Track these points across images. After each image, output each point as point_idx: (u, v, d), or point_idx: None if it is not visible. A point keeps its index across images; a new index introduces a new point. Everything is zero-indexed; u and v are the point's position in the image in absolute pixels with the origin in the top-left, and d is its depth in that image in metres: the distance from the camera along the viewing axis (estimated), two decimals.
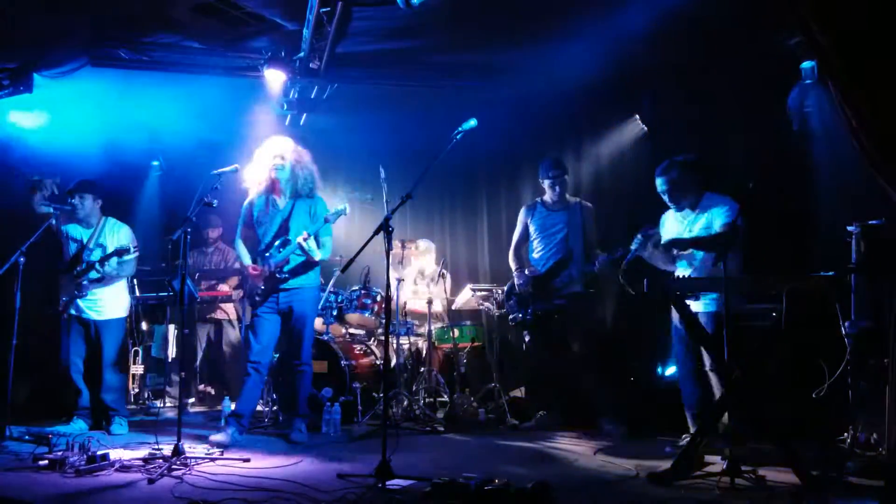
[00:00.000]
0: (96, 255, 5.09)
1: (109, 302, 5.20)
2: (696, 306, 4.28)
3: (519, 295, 5.44)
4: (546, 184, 5.40)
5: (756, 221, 5.33)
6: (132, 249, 5.09)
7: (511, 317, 5.52)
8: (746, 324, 4.36)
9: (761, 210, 5.29)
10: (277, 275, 4.69)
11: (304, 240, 4.58)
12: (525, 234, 5.53)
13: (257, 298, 4.75)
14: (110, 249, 5.09)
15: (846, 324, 4.32)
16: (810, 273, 3.88)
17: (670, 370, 5.72)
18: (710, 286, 4.20)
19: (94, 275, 5.06)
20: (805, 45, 3.05)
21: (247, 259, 4.85)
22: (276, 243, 4.73)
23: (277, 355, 5.31)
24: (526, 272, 5.37)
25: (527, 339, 5.52)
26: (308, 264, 4.77)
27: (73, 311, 5.15)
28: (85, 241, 5.17)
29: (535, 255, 5.42)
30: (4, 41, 5.40)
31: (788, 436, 3.67)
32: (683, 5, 4.63)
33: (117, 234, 5.21)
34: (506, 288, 5.65)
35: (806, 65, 5.23)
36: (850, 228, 4.36)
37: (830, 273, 3.83)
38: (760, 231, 5.28)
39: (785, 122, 5.37)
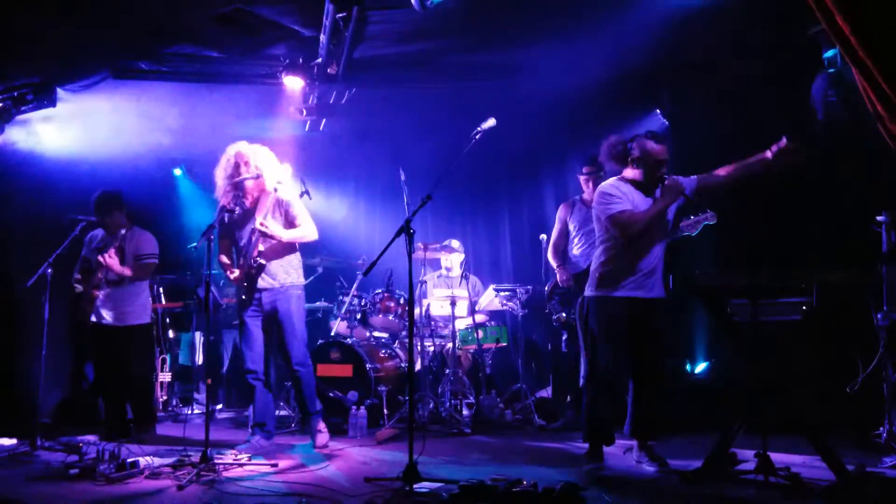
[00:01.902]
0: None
1: (133, 309, 5.24)
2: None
3: (562, 293, 5.38)
4: (581, 180, 5.37)
5: (784, 213, 5.26)
6: (150, 256, 5.21)
7: (555, 317, 5.46)
8: (777, 318, 4.29)
9: (789, 201, 5.22)
10: (253, 264, 4.57)
11: (262, 224, 4.49)
12: (564, 231, 5.46)
13: (243, 297, 4.71)
14: (130, 254, 5.18)
15: (878, 315, 4.24)
16: (841, 264, 3.81)
17: (700, 367, 5.65)
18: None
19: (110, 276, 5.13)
20: (827, 33, 2.97)
21: (227, 269, 4.78)
22: (247, 237, 4.66)
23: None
24: (567, 269, 5.32)
25: (564, 337, 5.45)
26: (284, 250, 4.69)
27: (93, 319, 5.20)
28: (107, 248, 5.23)
29: (576, 252, 5.35)
30: (27, 57, 5.48)
31: (822, 431, 3.59)
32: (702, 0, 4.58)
33: (138, 241, 5.27)
34: (547, 287, 5.59)
35: (828, 53, 5.14)
36: (879, 218, 4.28)
37: (861, 264, 3.77)
38: (789, 223, 5.21)
39: (809, 111, 5.28)
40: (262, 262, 4.58)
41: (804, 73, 5.18)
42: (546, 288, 5.61)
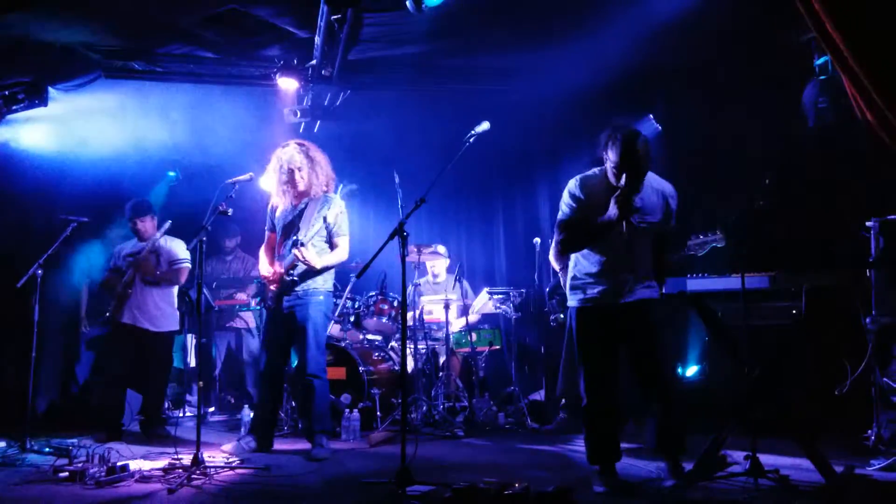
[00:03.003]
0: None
1: (163, 314, 5.35)
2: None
3: (563, 294, 5.40)
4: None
5: (774, 218, 5.29)
6: (184, 260, 5.37)
7: (552, 317, 5.47)
8: (767, 322, 4.32)
9: (779, 206, 5.25)
10: (286, 277, 4.58)
11: (299, 249, 4.40)
12: None
13: (269, 304, 4.71)
14: (164, 258, 5.33)
15: (867, 319, 4.27)
16: (830, 269, 3.84)
17: (691, 370, 5.67)
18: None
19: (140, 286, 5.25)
20: (818, 40, 3.00)
21: (264, 266, 4.81)
22: (288, 244, 4.62)
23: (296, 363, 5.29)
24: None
25: (565, 339, 5.46)
26: (318, 270, 4.66)
27: (126, 321, 5.24)
28: (140, 252, 5.33)
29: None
30: (18, 55, 5.46)
31: (811, 433, 3.62)
32: (695, 4, 4.61)
33: (171, 246, 5.39)
34: (548, 288, 5.60)
35: (819, 61, 5.18)
36: (868, 224, 4.32)
37: (850, 269, 3.80)
38: (778, 228, 5.24)
39: (800, 118, 5.32)
40: (297, 279, 4.58)
41: (796, 78, 5.23)
42: (547, 289, 5.63)
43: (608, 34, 5.09)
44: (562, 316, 5.35)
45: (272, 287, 4.65)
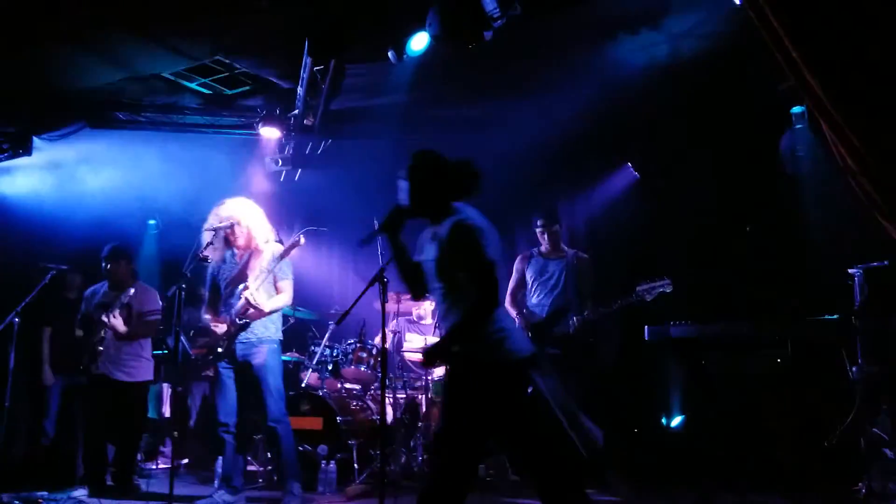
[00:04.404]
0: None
1: (137, 364, 5.24)
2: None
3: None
4: (537, 232, 5.44)
5: (758, 266, 5.32)
6: (154, 312, 5.27)
7: None
8: (751, 370, 4.29)
9: (763, 254, 5.29)
10: (238, 322, 4.55)
11: (246, 290, 4.42)
12: (520, 282, 5.51)
13: (219, 351, 4.65)
14: (136, 311, 5.17)
15: (853, 369, 4.24)
16: (814, 318, 3.82)
17: (675, 420, 5.61)
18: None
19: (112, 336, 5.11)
20: (794, 89, 3.05)
21: (211, 322, 4.72)
22: (236, 295, 4.61)
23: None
24: (524, 317, 5.33)
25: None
26: (266, 314, 4.63)
27: (100, 372, 5.11)
28: (111, 303, 5.18)
29: (533, 301, 5.39)
30: (3, 107, 5.49)
31: (799, 487, 3.55)
32: (672, 54, 4.72)
33: (143, 297, 5.26)
34: None
35: (796, 109, 5.30)
36: (851, 271, 4.33)
37: (834, 317, 3.78)
38: (763, 276, 5.27)
39: (777, 166, 5.41)
40: (248, 321, 4.55)
41: (772, 126, 5.33)
42: None
43: (586, 84, 5.20)
44: None
45: (222, 337, 4.61)
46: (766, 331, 4.20)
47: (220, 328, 4.61)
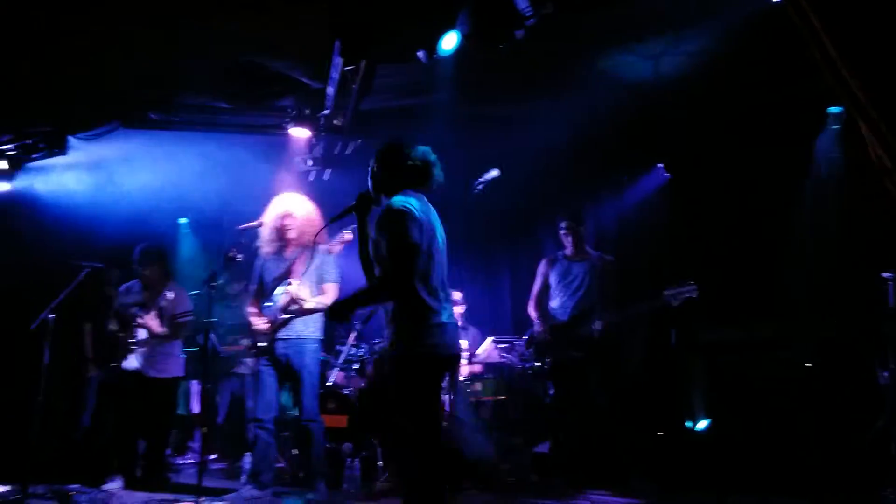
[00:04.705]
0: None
1: (169, 361, 5.35)
2: None
3: (538, 343, 5.37)
4: (561, 234, 5.41)
5: (785, 267, 5.25)
6: (186, 314, 5.35)
7: (527, 365, 5.45)
8: (777, 374, 4.24)
9: (790, 256, 5.22)
10: (279, 318, 4.62)
11: (290, 285, 4.53)
12: (544, 286, 5.50)
13: (260, 346, 4.71)
14: (169, 313, 5.27)
15: (884, 374, 4.17)
16: (842, 321, 3.78)
17: (701, 423, 5.54)
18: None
19: (145, 334, 5.24)
20: (832, 88, 3.00)
21: (254, 318, 4.80)
22: (279, 290, 4.69)
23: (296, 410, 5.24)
24: (546, 321, 5.32)
25: (551, 391, 5.40)
26: (308, 310, 4.71)
27: (132, 368, 5.24)
28: (145, 302, 5.33)
29: (555, 305, 5.38)
30: (40, 106, 5.62)
31: (825, 491, 3.50)
32: (707, 52, 4.66)
33: (176, 300, 5.34)
34: (526, 336, 5.59)
35: (833, 109, 5.21)
36: (884, 275, 4.26)
37: (865, 321, 3.72)
38: (790, 277, 5.19)
39: (814, 168, 5.33)
40: (289, 317, 4.63)
41: (808, 126, 5.25)
42: (524, 336, 5.62)
43: (618, 82, 5.17)
44: (538, 364, 5.31)
45: (264, 333, 4.68)
46: (795, 334, 4.15)
47: (262, 324, 4.67)
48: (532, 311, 5.53)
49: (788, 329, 3.91)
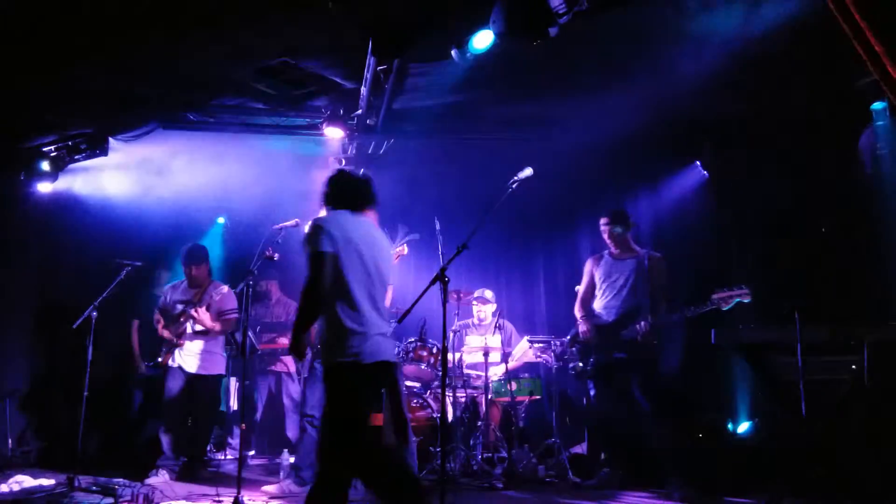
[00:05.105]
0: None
1: (211, 359, 5.50)
2: None
3: (581, 343, 5.30)
4: (601, 232, 5.33)
5: (833, 267, 5.11)
6: (233, 311, 5.50)
7: (571, 365, 5.38)
8: (824, 377, 4.12)
9: (838, 255, 5.07)
10: None
11: None
12: (591, 285, 5.39)
13: (317, 347, 4.77)
14: (216, 309, 5.44)
15: None
16: (891, 322, 3.66)
17: (742, 426, 5.44)
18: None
19: (191, 330, 5.41)
20: (877, 84, 2.91)
21: None
22: None
23: None
24: (591, 321, 5.25)
25: (591, 391, 5.33)
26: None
27: (176, 365, 5.42)
28: (191, 299, 5.48)
29: (601, 304, 5.28)
30: (81, 108, 5.75)
31: (870, 497, 3.39)
32: (745, 48, 4.55)
33: (223, 297, 5.50)
34: (569, 335, 5.52)
35: (877, 105, 5.05)
36: None
37: None
38: (838, 277, 5.05)
39: (857, 164, 5.17)
40: None
41: (850, 125, 5.09)
42: (567, 336, 5.54)
43: (654, 80, 5.08)
44: (581, 365, 5.24)
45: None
46: (840, 335, 4.02)
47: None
48: (577, 311, 5.45)
49: (835, 330, 3.79)
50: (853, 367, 3.79)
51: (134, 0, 4.28)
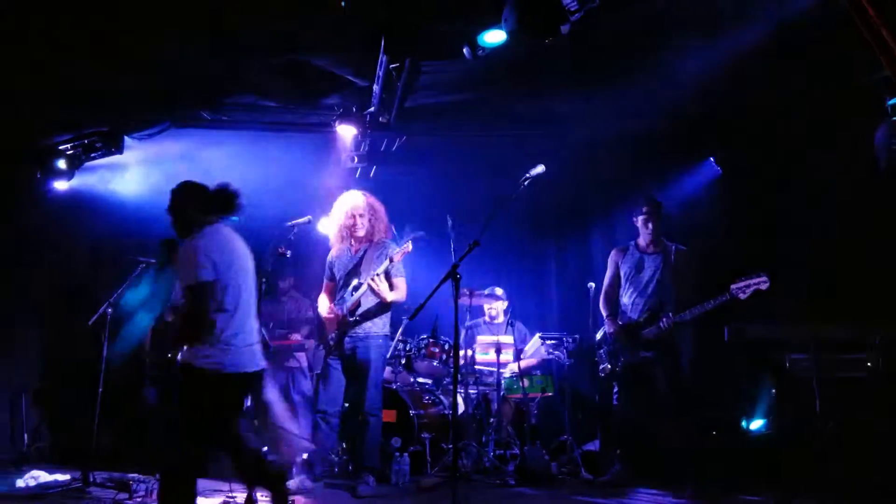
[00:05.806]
0: None
1: None
2: None
3: (610, 345, 5.26)
4: (639, 220, 5.23)
5: (847, 263, 5.07)
6: None
7: (601, 367, 5.34)
8: (839, 375, 4.09)
9: (852, 251, 5.04)
10: (349, 318, 4.82)
11: (373, 279, 4.73)
12: (615, 278, 5.34)
13: (330, 344, 4.85)
14: None
15: None
16: None
17: (756, 424, 5.41)
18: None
19: None
20: (891, 78, 2.89)
21: (324, 307, 4.98)
22: (349, 287, 4.86)
23: (348, 404, 5.31)
24: (617, 319, 5.22)
25: (615, 392, 5.30)
26: (379, 309, 4.82)
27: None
28: None
29: (625, 300, 5.24)
30: (96, 107, 5.80)
31: (888, 496, 3.38)
32: (758, 43, 4.52)
33: None
34: (598, 336, 5.48)
35: (893, 101, 5.00)
36: None
37: None
38: (852, 274, 5.01)
39: (871, 160, 5.12)
40: (359, 319, 4.84)
41: (866, 117, 5.04)
42: (597, 336, 5.50)
43: (667, 76, 5.06)
44: (609, 367, 5.22)
45: (333, 328, 4.79)
46: (856, 333, 4.00)
47: (331, 315, 4.83)
48: (603, 308, 5.39)
49: (851, 327, 3.77)
50: (868, 364, 3.77)
51: None
